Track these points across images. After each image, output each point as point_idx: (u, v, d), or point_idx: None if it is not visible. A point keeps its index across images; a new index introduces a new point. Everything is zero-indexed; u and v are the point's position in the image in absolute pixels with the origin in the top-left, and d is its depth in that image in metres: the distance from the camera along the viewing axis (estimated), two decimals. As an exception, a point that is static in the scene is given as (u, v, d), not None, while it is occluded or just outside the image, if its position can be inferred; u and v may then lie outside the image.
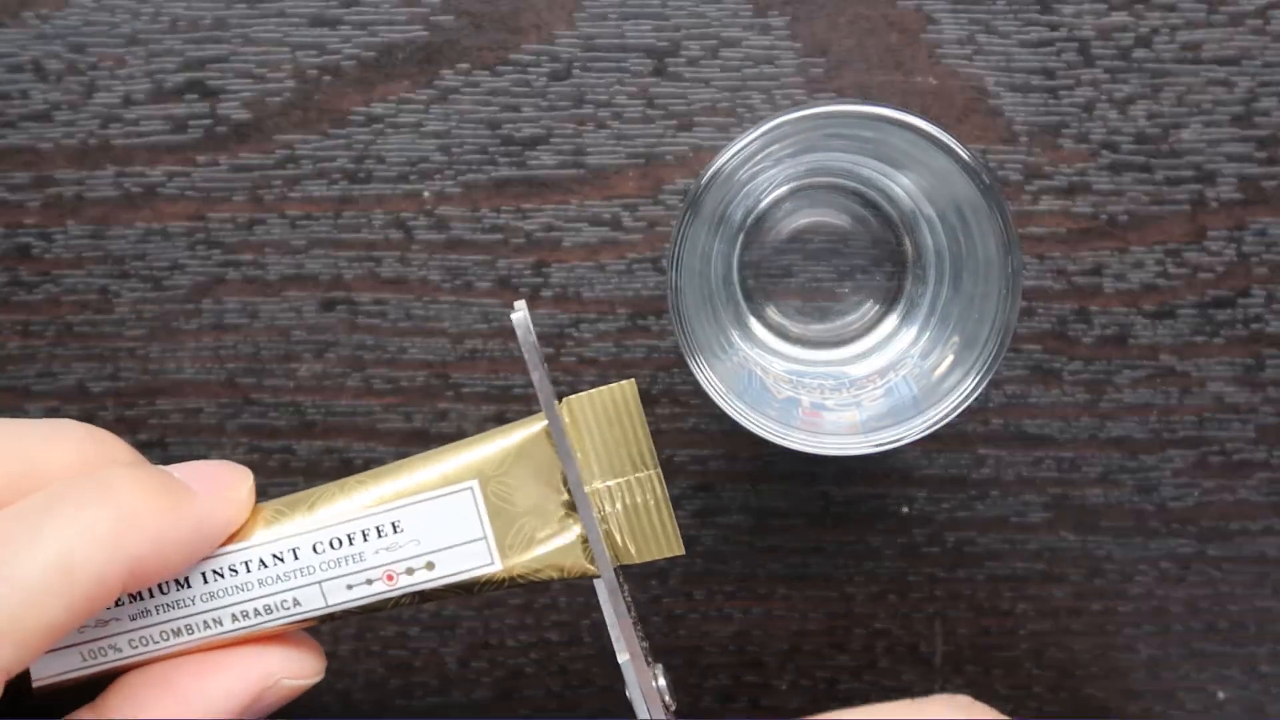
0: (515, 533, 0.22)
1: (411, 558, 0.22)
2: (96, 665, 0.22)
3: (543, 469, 0.23)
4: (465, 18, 0.33)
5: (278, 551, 0.22)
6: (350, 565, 0.22)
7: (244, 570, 0.22)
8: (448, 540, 0.22)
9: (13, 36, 0.32)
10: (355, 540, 0.22)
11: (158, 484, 0.20)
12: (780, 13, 0.33)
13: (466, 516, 0.22)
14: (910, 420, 0.28)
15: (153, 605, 0.22)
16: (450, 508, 0.22)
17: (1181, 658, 0.34)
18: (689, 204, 0.27)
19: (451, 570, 0.22)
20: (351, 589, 0.22)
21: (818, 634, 0.34)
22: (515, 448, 0.23)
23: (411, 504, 0.22)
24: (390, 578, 0.22)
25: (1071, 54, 0.33)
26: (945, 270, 0.31)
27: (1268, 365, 0.33)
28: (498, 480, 0.22)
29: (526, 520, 0.22)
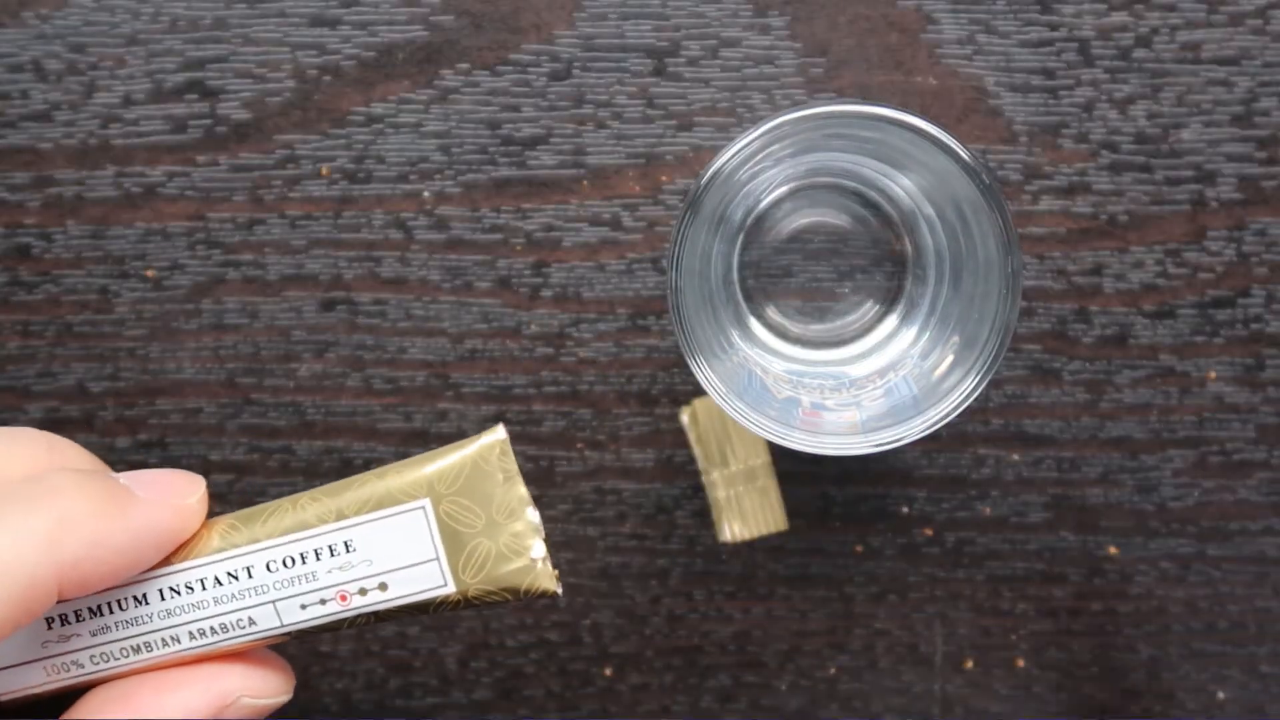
0: (468, 554, 0.22)
1: (364, 578, 0.22)
2: (60, 681, 0.22)
3: (495, 488, 0.22)
4: (465, 18, 0.33)
5: (232, 570, 0.22)
6: (303, 585, 0.22)
7: (199, 588, 0.22)
8: (400, 560, 0.22)
9: (13, 36, 0.32)
10: (308, 559, 0.22)
11: (99, 488, 0.20)
12: (780, 13, 0.33)
13: (418, 536, 0.22)
14: (910, 420, 0.28)
15: (112, 621, 0.22)
16: (402, 527, 0.22)
17: (1181, 658, 0.34)
18: (689, 204, 0.27)
19: (404, 591, 0.22)
20: (305, 609, 0.22)
21: (818, 634, 0.34)
22: (468, 464, 0.22)
23: (363, 523, 0.22)
24: (343, 598, 0.22)
25: (1071, 54, 0.33)
26: (945, 270, 0.31)
27: (1268, 365, 0.33)
28: (450, 499, 0.22)
29: (479, 541, 0.22)
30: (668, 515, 0.34)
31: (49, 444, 0.22)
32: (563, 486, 0.34)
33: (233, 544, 0.22)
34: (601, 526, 0.34)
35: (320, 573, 0.22)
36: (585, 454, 0.34)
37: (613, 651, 0.34)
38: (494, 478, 0.22)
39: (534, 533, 0.22)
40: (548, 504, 0.34)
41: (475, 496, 0.22)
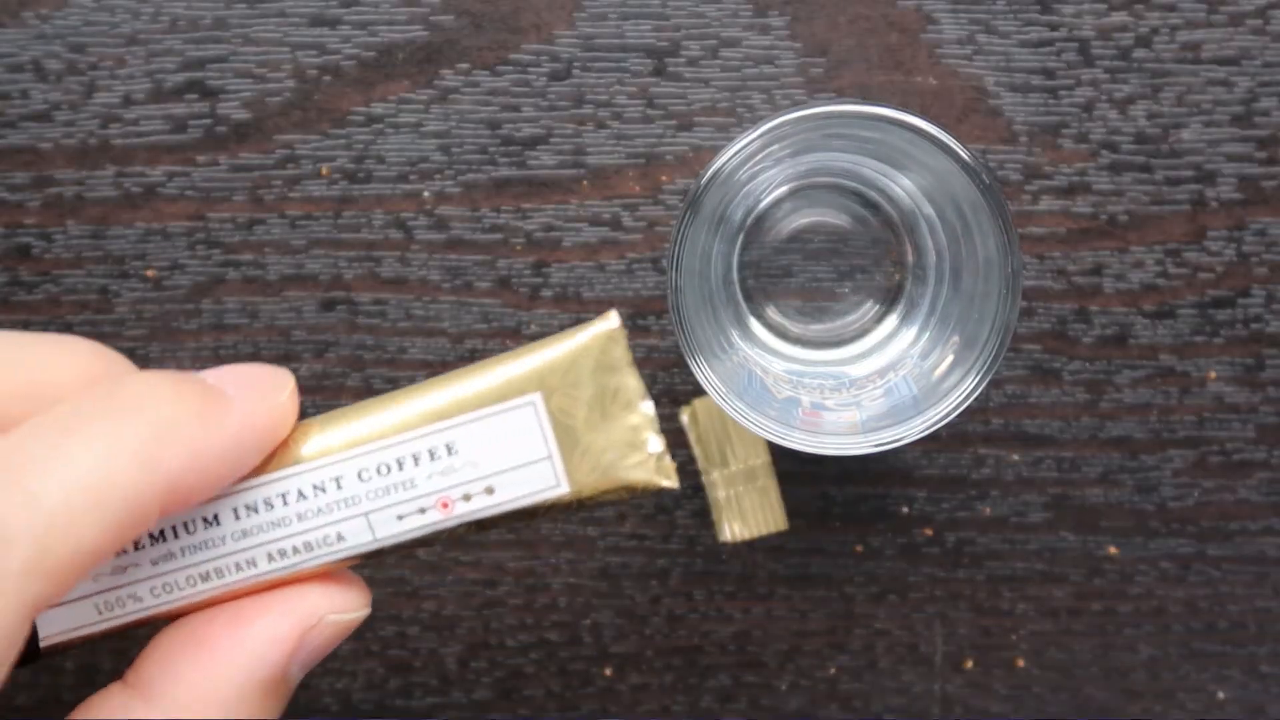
0: (582, 451, 0.20)
1: (469, 482, 0.19)
2: (114, 619, 0.20)
3: (609, 379, 0.20)
4: (465, 18, 0.33)
5: (318, 481, 0.20)
6: (401, 493, 0.19)
7: (280, 503, 0.20)
8: (508, 462, 0.19)
9: (13, 36, 0.32)
10: (405, 465, 0.19)
11: (193, 390, 0.18)
12: (780, 13, 0.33)
13: (528, 434, 0.19)
14: (910, 420, 0.28)
15: (178, 547, 0.20)
16: (510, 425, 0.19)
17: (1181, 658, 0.34)
18: (689, 204, 0.27)
19: (513, 495, 0.20)
20: (402, 519, 0.20)
21: (818, 634, 0.34)
22: (579, 354, 0.20)
23: (467, 422, 0.19)
24: (445, 505, 0.20)
25: (1071, 54, 0.33)
26: (945, 270, 0.31)
27: (1267, 365, 0.33)
28: (561, 393, 0.20)
29: (594, 437, 0.20)
30: (668, 515, 0.34)
31: (99, 352, 0.19)
32: (563, 486, 0.34)
33: (318, 452, 0.20)
34: (601, 526, 0.34)
35: (420, 479, 0.19)
36: (585, 454, 0.34)
37: (613, 651, 0.34)
38: (607, 368, 0.20)
39: (650, 425, 0.20)
40: (548, 504, 0.34)
41: (587, 389, 0.20)
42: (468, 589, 0.34)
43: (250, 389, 0.19)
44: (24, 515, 0.16)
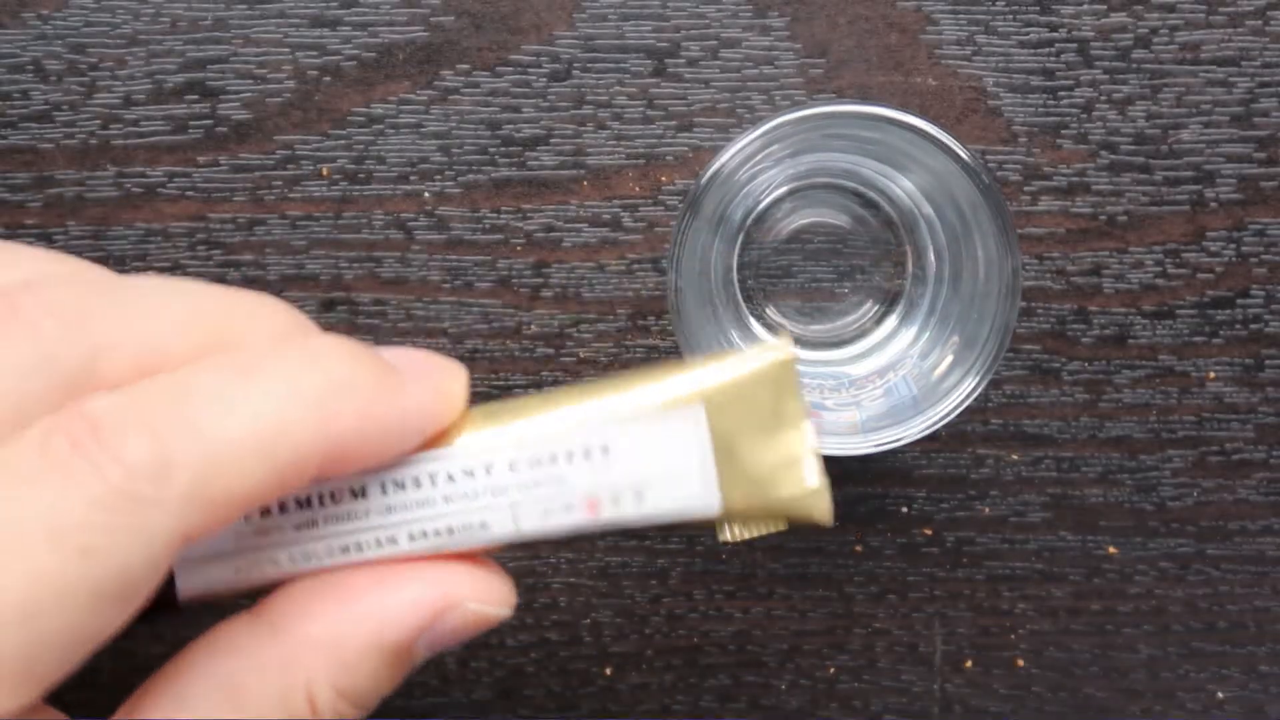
0: (739, 471, 0.19)
1: (619, 484, 0.19)
2: (250, 580, 0.20)
3: (775, 404, 0.19)
4: (465, 18, 0.33)
5: (469, 466, 0.19)
6: (550, 488, 0.19)
7: (429, 483, 0.19)
8: (662, 470, 0.19)
9: (13, 37, 0.32)
10: (559, 460, 0.19)
11: (372, 360, 0.18)
12: (780, 13, 0.33)
13: (687, 445, 0.19)
14: (910, 420, 0.28)
15: (321, 516, 0.19)
16: (670, 434, 0.19)
17: (1181, 657, 0.34)
18: (689, 204, 0.27)
19: (662, 504, 0.19)
20: (548, 515, 0.19)
21: (818, 634, 0.34)
22: (751, 377, 0.19)
23: (626, 426, 0.19)
24: (592, 506, 0.19)
25: (1071, 55, 0.33)
26: (945, 270, 0.31)
27: (1267, 365, 0.33)
28: (728, 411, 0.19)
29: (753, 459, 0.19)
30: (668, 515, 0.34)
31: (294, 315, 0.19)
32: (563, 486, 0.34)
33: (473, 439, 0.19)
34: (601, 526, 0.34)
35: (571, 476, 0.19)
36: (585, 454, 0.34)
37: (613, 651, 0.34)
38: (775, 392, 0.19)
39: (812, 456, 0.19)
40: (548, 504, 0.34)
41: (753, 412, 0.19)
42: (468, 589, 0.34)
43: (424, 373, 0.19)
44: (190, 447, 0.16)
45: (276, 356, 0.17)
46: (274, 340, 0.18)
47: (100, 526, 0.15)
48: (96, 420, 0.16)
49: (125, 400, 0.16)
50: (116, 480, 0.15)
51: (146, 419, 0.16)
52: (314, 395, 0.17)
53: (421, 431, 0.19)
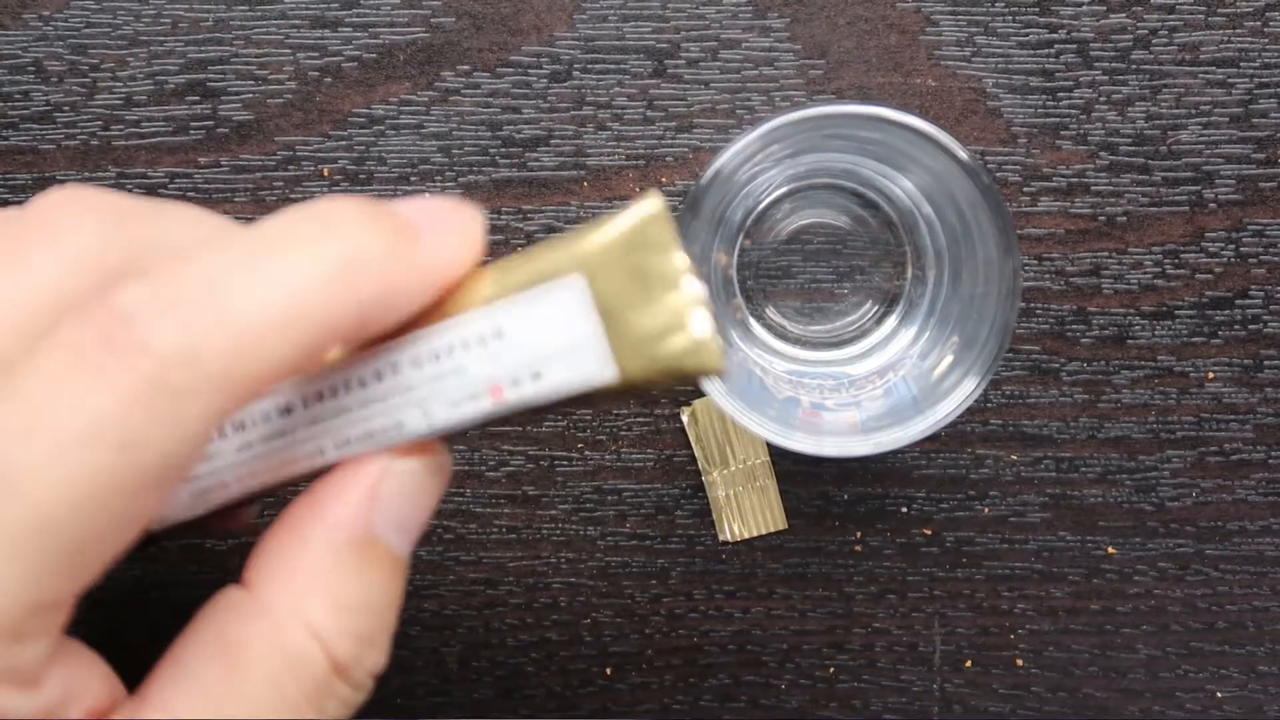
0: (628, 334, 0.19)
1: (517, 366, 0.19)
2: (207, 505, 0.20)
3: (652, 259, 0.19)
4: (466, 19, 0.33)
5: (378, 370, 0.19)
6: (453, 379, 0.19)
7: (344, 391, 0.19)
8: (555, 346, 0.19)
9: (14, 37, 0.32)
10: (455, 351, 0.19)
11: (386, 222, 0.18)
12: (780, 14, 0.33)
13: (573, 317, 0.19)
14: (910, 420, 0.28)
15: (256, 435, 0.20)
16: (555, 307, 0.19)
17: (1180, 657, 0.34)
18: (689, 204, 0.27)
19: (562, 380, 0.19)
20: (456, 405, 0.19)
21: (817, 634, 0.34)
22: (623, 237, 0.19)
23: (512, 306, 0.19)
24: (496, 391, 0.19)
25: (1070, 55, 0.33)
26: (945, 270, 0.31)
27: (1266, 366, 0.33)
28: (606, 274, 0.19)
29: (639, 318, 0.19)
30: (668, 515, 0.34)
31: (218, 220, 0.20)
32: (563, 486, 0.34)
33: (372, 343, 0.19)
34: (601, 526, 0.34)
35: (469, 364, 0.19)
36: (585, 454, 0.34)
37: (613, 651, 0.34)
38: (651, 249, 0.19)
39: (696, 305, 0.19)
40: (548, 504, 0.34)
41: (632, 270, 0.19)
42: (468, 588, 0.34)
43: (442, 226, 0.19)
44: (215, 334, 0.16)
45: (294, 227, 0.17)
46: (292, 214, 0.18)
47: (137, 420, 0.15)
48: (124, 313, 0.16)
49: (150, 289, 0.16)
50: (149, 372, 0.15)
51: (173, 307, 0.16)
52: (334, 266, 0.17)
53: (438, 288, 0.19)
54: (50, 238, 0.17)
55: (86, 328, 0.16)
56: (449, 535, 0.34)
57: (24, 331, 0.17)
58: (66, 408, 0.15)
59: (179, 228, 0.18)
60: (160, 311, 0.16)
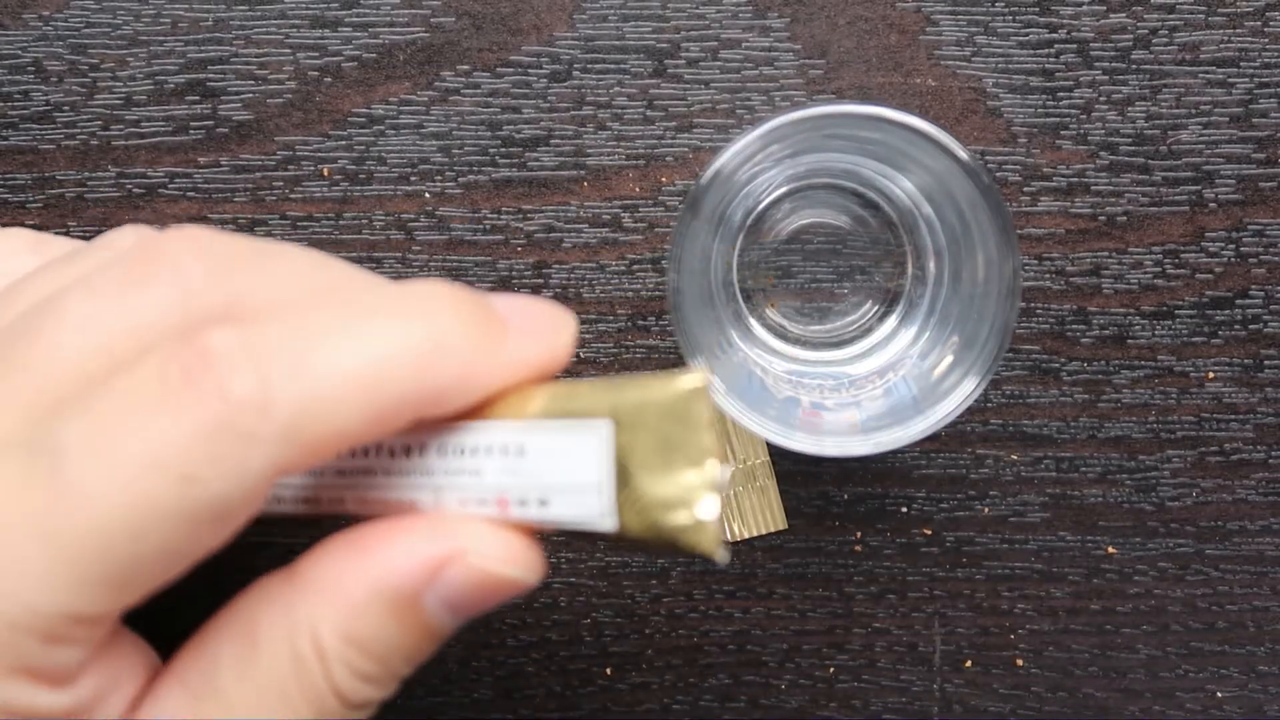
0: (634, 492, 0.19)
1: (528, 488, 0.19)
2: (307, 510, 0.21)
3: (682, 432, 0.19)
4: (466, 19, 0.33)
5: (408, 445, 0.19)
6: (467, 479, 0.19)
7: (373, 455, 0.20)
8: (567, 479, 0.19)
9: (14, 37, 0.32)
10: (479, 453, 0.19)
11: (477, 313, 0.18)
12: (780, 14, 0.33)
13: (591, 459, 0.19)
14: (910, 420, 0.28)
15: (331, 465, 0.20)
16: (577, 444, 0.19)
17: (1180, 657, 0.34)
18: (689, 204, 0.27)
19: (564, 514, 0.19)
20: (464, 505, 0.19)
21: (817, 633, 0.34)
22: (660, 402, 0.19)
23: (541, 429, 0.19)
24: (502, 505, 0.19)
25: (1070, 55, 0.33)
26: (945, 270, 0.31)
27: (1266, 366, 0.33)
28: (630, 430, 0.19)
29: (649, 482, 0.19)
30: (668, 515, 0.34)
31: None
32: (563, 486, 0.34)
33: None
34: (602, 526, 0.34)
35: (487, 469, 0.19)
36: (585, 454, 0.34)
37: (613, 651, 0.34)
38: (685, 422, 0.19)
39: (707, 489, 0.19)
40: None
41: (660, 436, 0.19)
42: (468, 589, 0.34)
43: (531, 329, 0.19)
44: (291, 385, 0.16)
45: (388, 301, 0.18)
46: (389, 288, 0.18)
47: (202, 456, 0.16)
48: (209, 351, 0.16)
49: (238, 335, 0.17)
50: (220, 413, 0.16)
51: (255, 354, 0.16)
52: (418, 346, 0.17)
53: (522, 379, 0.19)
54: (170, 273, 0.18)
55: (171, 361, 0.16)
56: (449, 535, 0.34)
57: (116, 357, 0.17)
58: (137, 432, 0.16)
59: (290, 277, 0.18)
60: (243, 357, 0.16)
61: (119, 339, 0.17)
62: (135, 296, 0.18)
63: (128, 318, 0.17)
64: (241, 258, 0.18)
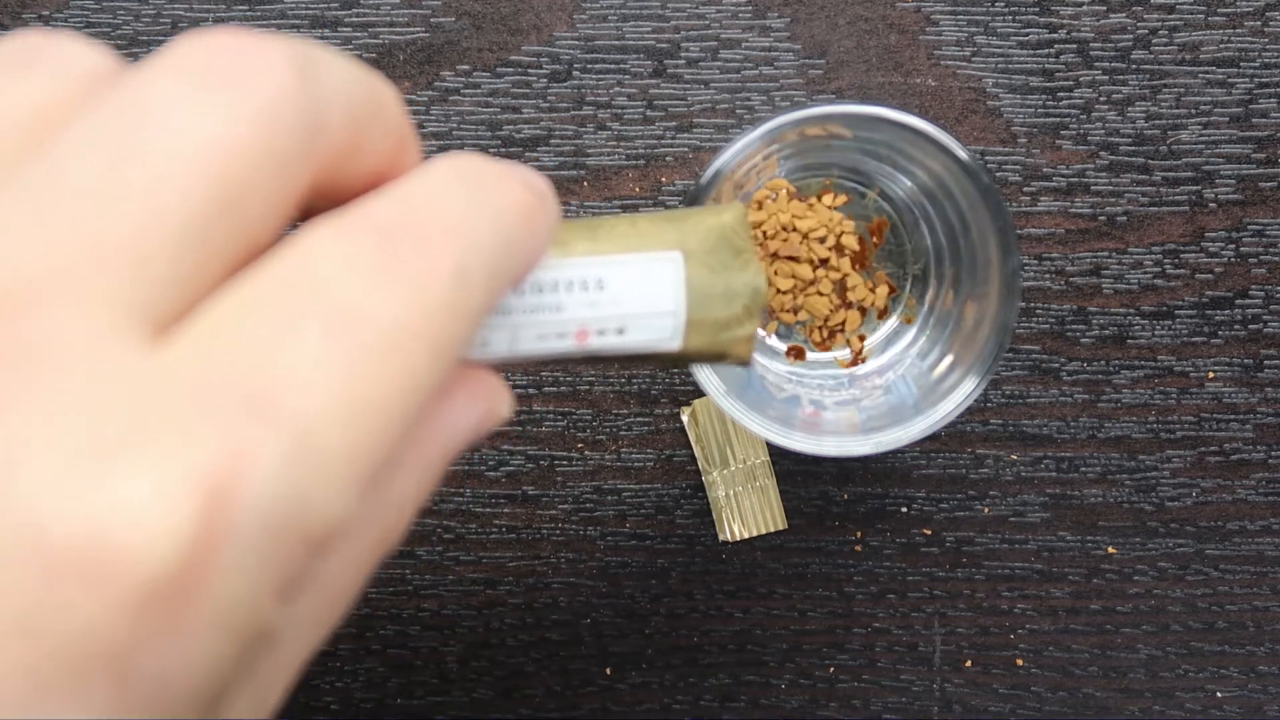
0: (700, 314, 0.20)
1: (608, 318, 0.20)
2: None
3: (734, 256, 0.21)
4: (466, 19, 0.33)
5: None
6: (548, 314, 0.20)
7: None
8: (643, 308, 0.20)
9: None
10: (559, 289, 0.20)
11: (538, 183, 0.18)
12: (780, 14, 0.33)
13: (664, 287, 0.20)
14: (910, 420, 0.28)
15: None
16: (653, 275, 0.20)
17: (1180, 657, 0.34)
18: (689, 204, 0.27)
19: (637, 339, 0.20)
20: (542, 340, 0.20)
21: (817, 633, 0.34)
22: (716, 228, 0.21)
23: (619, 264, 0.20)
24: (581, 336, 0.20)
25: (1070, 55, 0.33)
26: (945, 270, 0.31)
27: (1266, 366, 0.33)
28: (697, 259, 0.20)
29: (713, 304, 0.21)
30: (668, 515, 0.34)
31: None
32: (563, 486, 0.34)
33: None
34: (601, 526, 0.34)
35: (568, 304, 0.20)
36: (585, 454, 0.34)
37: (613, 651, 0.34)
38: (733, 247, 0.21)
39: (759, 305, 0.21)
40: (548, 504, 0.34)
41: (714, 262, 0.21)
42: (468, 588, 0.34)
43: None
44: (476, 257, 0.16)
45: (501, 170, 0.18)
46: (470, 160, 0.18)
47: (438, 330, 0.15)
48: (408, 229, 0.15)
49: (407, 211, 0.16)
50: (447, 288, 0.15)
51: (441, 232, 0.16)
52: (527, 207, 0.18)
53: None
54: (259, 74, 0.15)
55: (395, 231, 0.15)
56: (449, 535, 0.34)
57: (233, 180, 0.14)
58: (391, 308, 0.15)
59: (346, 89, 0.17)
60: (435, 233, 0.16)
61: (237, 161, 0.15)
62: (247, 101, 0.15)
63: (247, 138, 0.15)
64: (318, 53, 0.16)
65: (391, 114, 0.17)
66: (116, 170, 0.13)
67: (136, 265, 0.13)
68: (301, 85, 0.15)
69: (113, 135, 0.13)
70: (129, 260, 0.13)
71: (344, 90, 0.16)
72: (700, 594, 0.34)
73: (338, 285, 0.14)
